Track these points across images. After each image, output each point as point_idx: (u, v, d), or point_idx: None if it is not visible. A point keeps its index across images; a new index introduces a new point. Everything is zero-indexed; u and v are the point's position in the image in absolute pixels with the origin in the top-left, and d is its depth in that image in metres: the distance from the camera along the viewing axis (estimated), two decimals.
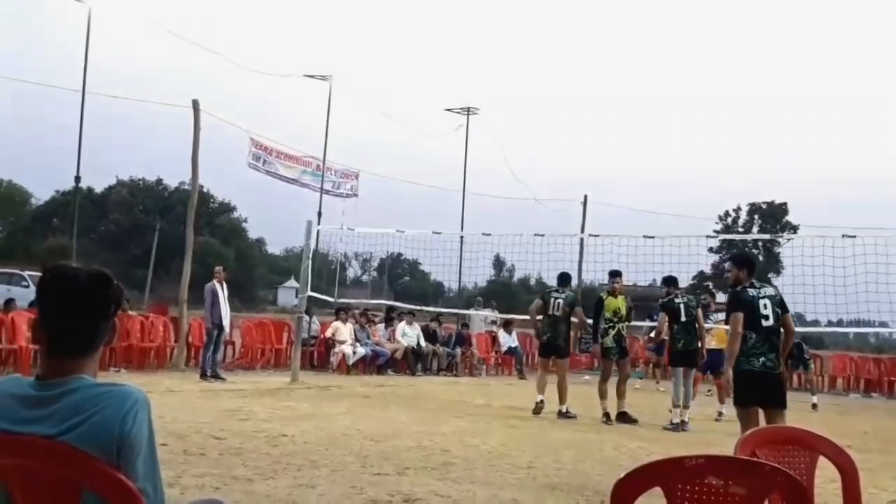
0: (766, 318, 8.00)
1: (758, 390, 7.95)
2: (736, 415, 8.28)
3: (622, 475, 2.53)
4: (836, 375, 24.90)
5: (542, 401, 12.94)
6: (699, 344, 12.72)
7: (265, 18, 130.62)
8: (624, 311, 13.06)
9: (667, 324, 12.86)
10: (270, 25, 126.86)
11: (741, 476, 2.57)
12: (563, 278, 13.64)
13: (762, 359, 7.92)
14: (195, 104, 18.87)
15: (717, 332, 14.63)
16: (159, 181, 72.57)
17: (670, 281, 13.07)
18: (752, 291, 8.15)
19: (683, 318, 12.51)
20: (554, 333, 12.99)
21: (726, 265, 9.01)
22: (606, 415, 12.63)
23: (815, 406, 17.61)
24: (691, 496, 2.54)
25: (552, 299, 13.12)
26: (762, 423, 7.95)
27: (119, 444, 2.23)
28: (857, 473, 3.40)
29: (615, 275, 13.47)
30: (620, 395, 12.82)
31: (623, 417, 12.58)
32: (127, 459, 2.24)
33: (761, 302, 8.07)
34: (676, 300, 12.72)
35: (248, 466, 7.27)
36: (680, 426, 12.21)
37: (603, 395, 12.78)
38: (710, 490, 2.55)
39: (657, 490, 2.58)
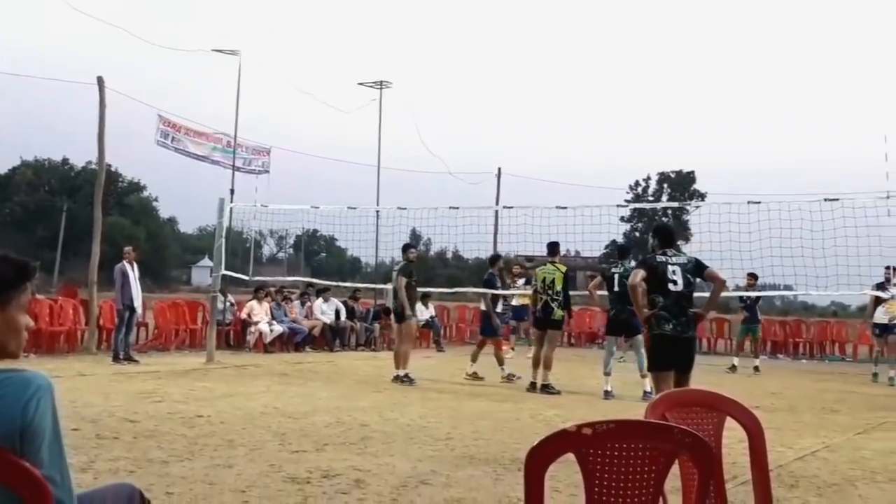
0: (675, 283, 8.42)
1: (669, 354, 8.37)
2: (652, 379, 8.93)
3: (535, 443, 2.56)
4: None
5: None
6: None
7: None
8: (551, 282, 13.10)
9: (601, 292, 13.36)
10: (178, 1, 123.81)
11: (651, 439, 2.63)
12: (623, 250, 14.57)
13: (672, 322, 8.35)
14: (100, 81, 18.33)
15: None
16: (65, 161, 70.69)
17: (623, 251, 14.35)
18: (661, 258, 8.56)
19: (616, 288, 12.63)
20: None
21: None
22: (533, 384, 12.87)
23: (756, 369, 18.14)
24: (603, 461, 2.59)
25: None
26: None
27: (21, 432, 2.17)
28: (762, 433, 3.50)
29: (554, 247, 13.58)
30: (546, 365, 12.85)
31: (546, 389, 12.68)
32: (31, 448, 2.18)
33: (670, 268, 8.45)
34: (612, 269, 13.02)
35: (163, 449, 7.16)
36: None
37: (535, 363, 12.98)
38: (621, 454, 2.60)
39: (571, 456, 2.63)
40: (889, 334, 15.90)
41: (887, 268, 15.10)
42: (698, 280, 8.80)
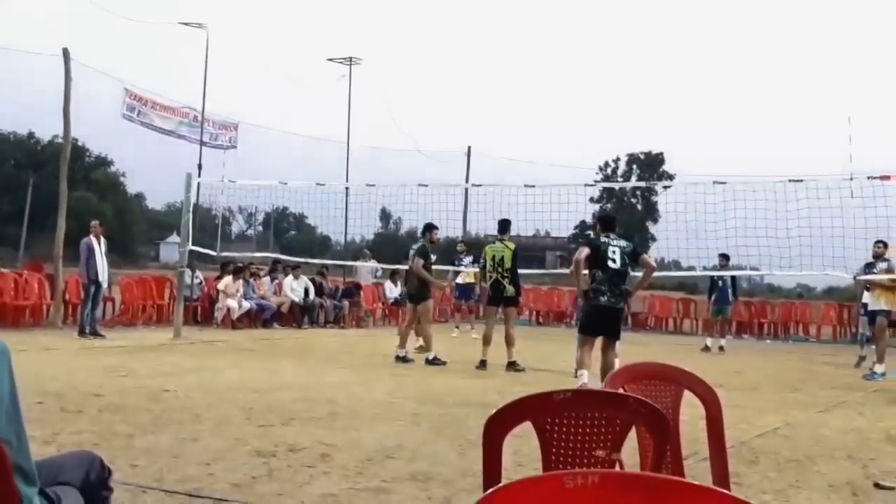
0: (614, 261, 10.03)
1: (600, 321, 10.08)
2: (577, 341, 10.31)
3: (493, 411, 2.59)
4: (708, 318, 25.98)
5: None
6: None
7: None
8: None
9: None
10: None
11: (606, 408, 2.67)
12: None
13: (606, 295, 9.98)
14: (65, 53, 18.08)
15: None
16: (31, 135, 69.71)
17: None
18: (604, 240, 10.23)
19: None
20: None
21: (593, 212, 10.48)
22: (483, 362, 12.85)
23: (722, 349, 18.28)
24: (560, 429, 2.63)
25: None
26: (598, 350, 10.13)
27: None
28: (720, 406, 3.55)
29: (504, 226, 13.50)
30: (509, 342, 12.83)
31: (511, 366, 12.67)
32: None
33: (610, 249, 10.09)
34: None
35: (127, 422, 7.14)
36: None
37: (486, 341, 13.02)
38: (577, 423, 2.64)
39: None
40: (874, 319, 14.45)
41: (877, 243, 13.99)
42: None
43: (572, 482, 1.45)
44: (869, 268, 14.30)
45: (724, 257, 17.30)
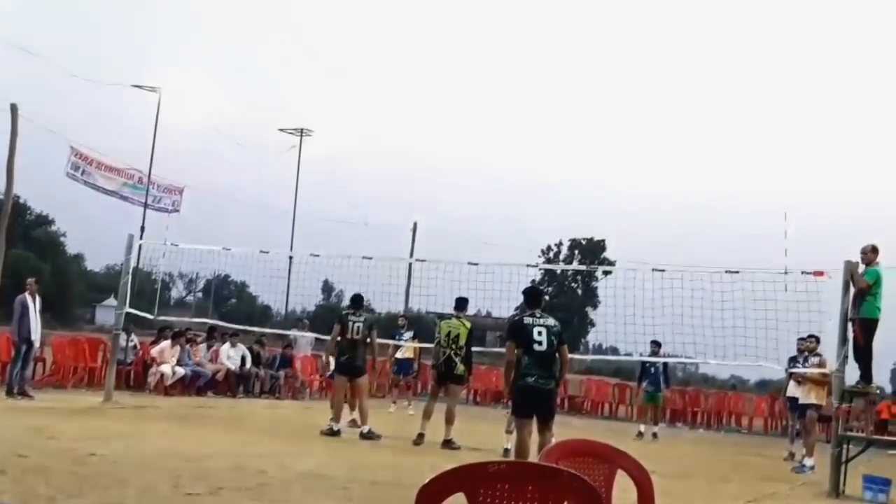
0: (540, 343, 9.39)
1: (529, 402, 9.44)
2: (514, 424, 9.82)
3: (426, 480, 2.61)
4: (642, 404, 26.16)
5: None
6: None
7: (91, 25, 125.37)
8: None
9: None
10: (97, 32, 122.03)
11: (540, 481, 2.70)
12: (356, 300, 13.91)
13: (534, 376, 9.37)
14: (13, 108, 17.97)
15: None
16: None
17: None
18: (528, 319, 9.56)
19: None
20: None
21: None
22: (420, 435, 12.78)
23: (655, 435, 18.35)
24: (493, 501, 2.65)
25: (351, 323, 13.35)
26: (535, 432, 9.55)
27: None
28: (651, 485, 3.61)
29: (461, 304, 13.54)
30: (448, 420, 12.77)
31: (447, 444, 12.57)
32: None
33: (536, 329, 9.45)
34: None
35: (51, 485, 6.95)
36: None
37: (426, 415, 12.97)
38: (511, 496, 2.66)
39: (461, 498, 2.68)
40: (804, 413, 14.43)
41: (801, 339, 14.24)
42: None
43: None
44: (793, 361, 14.62)
45: (656, 344, 17.59)
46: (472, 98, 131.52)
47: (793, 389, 14.89)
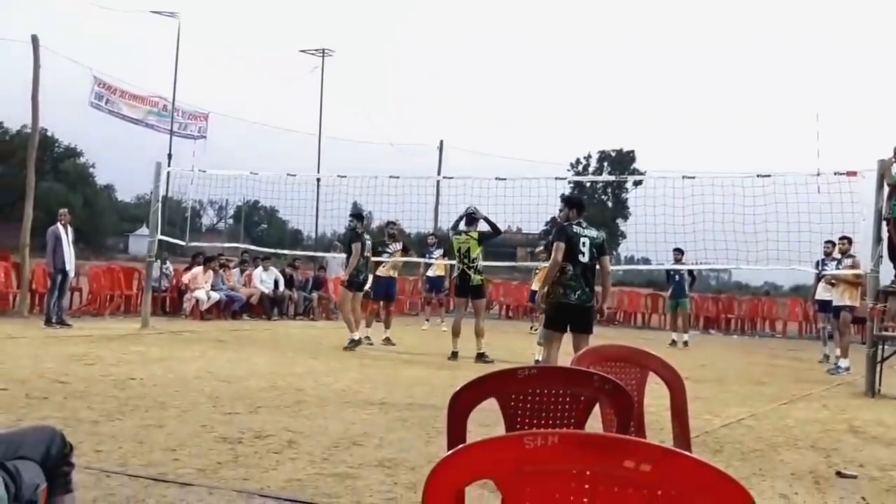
0: (583, 254, 9.10)
1: (569, 318, 9.07)
2: (543, 337, 9.50)
3: (458, 387, 2.60)
4: None
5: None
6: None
7: None
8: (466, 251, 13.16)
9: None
10: None
11: (571, 385, 2.68)
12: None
13: (578, 292, 9.05)
14: (34, 40, 17.88)
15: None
16: None
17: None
18: (576, 228, 9.21)
19: (586, 258, 12.40)
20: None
21: (559, 206, 9.65)
22: (454, 353, 12.95)
23: (686, 343, 18.39)
24: (523, 406, 2.64)
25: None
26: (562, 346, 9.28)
27: None
28: (682, 385, 3.59)
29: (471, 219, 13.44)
30: (478, 333, 12.94)
31: (480, 358, 12.73)
32: None
33: (581, 240, 9.14)
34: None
35: (93, 409, 7.09)
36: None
37: (455, 333, 13.07)
38: (541, 399, 2.65)
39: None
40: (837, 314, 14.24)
41: (827, 242, 14.48)
42: None
43: (532, 443, 1.46)
44: (821, 264, 14.51)
45: (679, 251, 17.55)
46: (498, 13, 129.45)
47: (822, 292, 14.86)
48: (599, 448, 1.48)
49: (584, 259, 9.11)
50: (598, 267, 9.31)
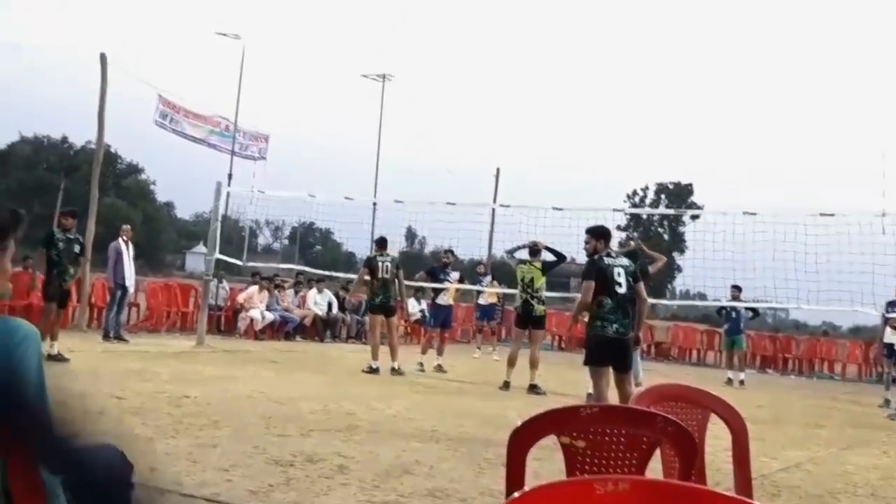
0: (620, 285, 8.79)
1: (608, 354, 8.76)
2: (590, 373, 9.09)
3: (519, 423, 2.57)
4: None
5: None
6: None
7: None
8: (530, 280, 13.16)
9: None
10: None
11: (633, 426, 2.64)
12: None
13: (616, 325, 8.76)
14: (103, 58, 18.28)
15: None
16: (64, 139, 70.57)
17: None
18: (607, 260, 8.92)
19: (623, 289, 12.36)
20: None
21: (585, 238, 9.37)
22: (506, 383, 12.88)
23: (742, 382, 18.00)
24: (585, 445, 2.60)
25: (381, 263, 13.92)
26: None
27: (7, 378, 2.17)
28: (746, 431, 3.51)
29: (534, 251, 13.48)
30: (533, 364, 12.81)
31: (533, 389, 12.64)
32: (17, 392, 2.18)
33: (615, 270, 8.85)
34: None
35: (148, 425, 7.16)
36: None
37: (511, 363, 13.00)
38: (603, 439, 2.61)
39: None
40: None
41: None
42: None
43: (603, 488, 1.43)
44: (891, 306, 14.15)
45: (737, 288, 17.15)
46: (558, 42, 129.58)
47: (889, 335, 14.48)
48: (670, 497, 1.44)
49: (622, 290, 8.80)
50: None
